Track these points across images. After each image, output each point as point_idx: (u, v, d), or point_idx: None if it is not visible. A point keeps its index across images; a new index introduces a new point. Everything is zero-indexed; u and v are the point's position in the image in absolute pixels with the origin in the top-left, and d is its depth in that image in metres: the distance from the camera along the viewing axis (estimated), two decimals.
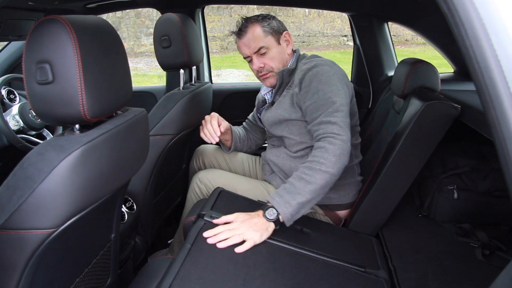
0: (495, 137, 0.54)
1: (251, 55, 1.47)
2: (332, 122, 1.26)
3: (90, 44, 0.82)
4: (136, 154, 1.05)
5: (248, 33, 1.45)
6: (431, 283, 1.16)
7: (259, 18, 1.46)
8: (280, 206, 1.17)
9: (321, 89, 1.32)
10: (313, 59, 1.45)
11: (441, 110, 1.31)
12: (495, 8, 0.52)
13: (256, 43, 1.44)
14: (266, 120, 1.56)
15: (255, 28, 1.44)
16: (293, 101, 1.42)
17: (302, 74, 1.38)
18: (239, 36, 1.47)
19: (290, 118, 1.45)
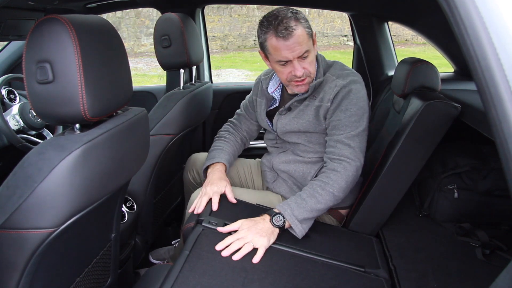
0: (496, 137, 0.53)
1: (292, 59, 1.27)
2: (350, 146, 1.29)
3: (90, 44, 0.81)
4: (136, 153, 1.05)
5: (295, 35, 1.23)
6: (431, 282, 1.16)
7: (300, 16, 1.27)
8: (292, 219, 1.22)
9: (350, 109, 1.30)
10: (346, 73, 1.36)
11: (442, 110, 1.31)
12: (495, 7, 0.52)
13: (302, 46, 1.25)
14: (282, 128, 1.44)
15: (299, 28, 1.24)
16: (318, 113, 1.35)
17: (337, 90, 1.32)
18: (284, 37, 1.23)
19: (314, 131, 1.39)
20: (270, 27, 1.25)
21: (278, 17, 1.24)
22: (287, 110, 1.43)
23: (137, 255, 1.62)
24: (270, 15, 1.28)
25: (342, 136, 1.30)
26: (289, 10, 1.27)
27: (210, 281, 0.99)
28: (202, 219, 1.23)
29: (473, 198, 1.44)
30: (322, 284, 1.07)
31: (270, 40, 1.26)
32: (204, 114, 1.90)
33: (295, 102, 1.41)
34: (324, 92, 1.35)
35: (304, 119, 1.38)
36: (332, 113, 1.33)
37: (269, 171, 1.54)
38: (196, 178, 1.71)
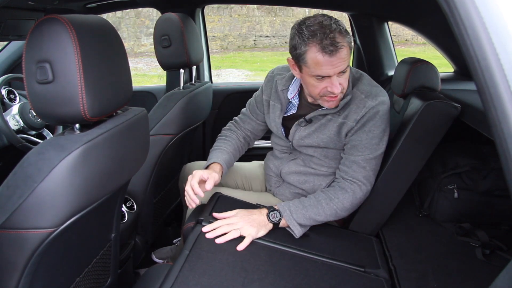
0: (496, 137, 0.53)
1: (331, 75, 1.17)
2: (366, 169, 1.28)
3: (90, 44, 0.81)
4: (136, 153, 1.05)
5: (340, 51, 1.13)
6: (431, 282, 1.16)
7: (343, 29, 1.15)
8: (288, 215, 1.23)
9: (373, 131, 1.27)
10: (375, 93, 1.28)
11: (441, 110, 1.31)
12: (495, 7, 0.52)
13: (345, 62, 1.16)
14: (299, 140, 1.36)
15: (345, 44, 1.14)
16: (341, 131, 1.30)
17: (365, 111, 1.25)
18: (330, 53, 1.12)
19: (334, 148, 1.34)
20: (314, 39, 1.13)
21: (323, 29, 1.13)
22: (308, 122, 1.34)
23: (137, 255, 1.62)
24: (312, 23, 1.15)
25: (360, 158, 1.27)
26: (331, 20, 1.16)
27: (210, 281, 0.99)
28: (202, 219, 1.23)
29: (473, 198, 1.44)
30: (322, 284, 1.07)
31: (312, 54, 1.14)
32: (204, 114, 1.90)
33: (318, 115, 1.32)
34: (351, 111, 1.28)
35: (325, 135, 1.32)
36: (354, 132, 1.28)
37: (275, 177, 1.50)
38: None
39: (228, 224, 1.17)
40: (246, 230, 1.17)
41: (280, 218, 1.23)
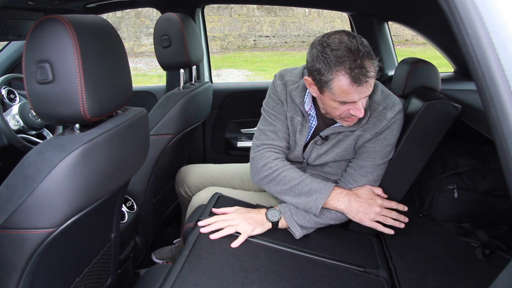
0: (496, 137, 0.53)
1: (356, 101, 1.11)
2: (373, 174, 1.27)
3: (90, 44, 0.81)
4: (136, 153, 1.05)
5: (369, 81, 1.07)
6: (431, 282, 1.16)
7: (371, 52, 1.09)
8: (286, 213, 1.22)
9: (388, 139, 1.25)
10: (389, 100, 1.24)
11: (442, 110, 1.31)
12: (495, 7, 0.52)
13: (370, 90, 1.11)
14: (317, 158, 1.30)
15: (373, 70, 1.09)
16: (357, 142, 1.27)
17: (385, 123, 1.22)
18: (360, 83, 1.05)
19: (349, 158, 1.32)
20: (342, 67, 1.04)
21: (352, 55, 1.04)
22: (324, 140, 1.28)
23: (137, 255, 1.62)
24: (337, 46, 1.05)
25: (369, 163, 1.26)
26: (357, 41, 1.06)
27: (210, 281, 0.99)
28: (202, 219, 1.23)
29: (473, 198, 1.44)
30: (322, 284, 1.07)
31: (340, 83, 1.06)
32: (204, 114, 1.90)
33: (334, 132, 1.27)
34: (369, 123, 1.23)
35: (341, 148, 1.28)
36: (368, 140, 1.26)
37: None
38: (188, 192, 1.67)
39: (224, 220, 1.17)
40: (242, 226, 1.16)
41: (279, 218, 1.23)
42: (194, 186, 1.65)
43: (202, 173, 1.65)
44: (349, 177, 1.30)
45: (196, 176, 1.65)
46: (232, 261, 1.08)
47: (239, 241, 1.14)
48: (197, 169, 1.69)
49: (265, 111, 1.35)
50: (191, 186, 1.65)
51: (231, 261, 1.08)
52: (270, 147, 1.29)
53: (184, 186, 1.67)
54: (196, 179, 1.64)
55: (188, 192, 1.67)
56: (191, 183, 1.65)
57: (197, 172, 1.66)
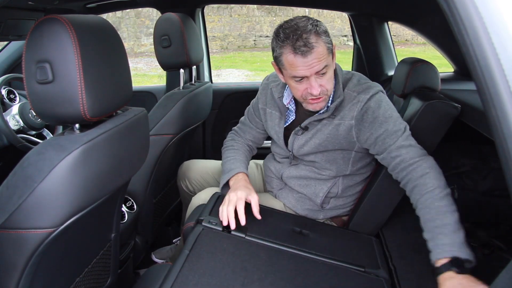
0: (496, 136, 0.53)
1: (309, 76, 1.16)
2: (412, 145, 1.21)
3: (90, 44, 0.82)
4: (136, 153, 1.05)
5: (314, 51, 1.12)
6: (431, 282, 1.16)
7: (321, 30, 1.15)
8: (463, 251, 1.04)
9: (389, 116, 1.23)
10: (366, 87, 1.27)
11: (442, 110, 1.31)
12: (495, 7, 0.52)
13: (321, 63, 1.14)
14: (298, 149, 1.34)
15: (320, 44, 1.13)
16: (338, 132, 1.27)
17: (362, 105, 1.23)
18: (302, 53, 1.12)
19: (332, 149, 1.31)
20: (287, 41, 1.13)
21: (297, 31, 1.13)
22: (304, 130, 1.33)
23: (137, 255, 1.62)
24: (287, 26, 1.16)
25: (400, 140, 1.21)
26: (309, 21, 1.15)
27: (210, 281, 0.99)
28: (202, 218, 1.23)
29: (473, 198, 1.44)
30: (322, 284, 1.07)
31: (286, 56, 1.15)
32: (204, 114, 1.90)
33: (313, 121, 1.30)
34: (345, 110, 1.26)
35: (321, 138, 1.30)
36: (371, 128, 1.24)
37: (276, 179, 1.47)
38: (189, 187, 1.68)
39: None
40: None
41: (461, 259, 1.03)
42: (195, 181, 1.66)
43: (204, 168, 1.66)
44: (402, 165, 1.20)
45: (198, 171, 1.66)
46: (232, 261, 1.08)
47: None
48: (199, 164, 1.69)
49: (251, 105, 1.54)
50: (193, 181, 1.66)
51: (231, 261, 1.08)
52: (235, 132, 1.58)
53: (186, 181, 1.67)
54: (197, 174, 1.65)
55: (189, 187, 1.67)
56: (192, 178, 1.66)
57: (199, 167, 1.67)
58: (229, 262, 1.07)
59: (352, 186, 1.41)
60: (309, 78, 1.17)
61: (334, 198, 1.41)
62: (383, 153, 1.24)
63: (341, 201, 1.42)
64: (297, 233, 1.28)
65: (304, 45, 1.12)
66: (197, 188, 1.65)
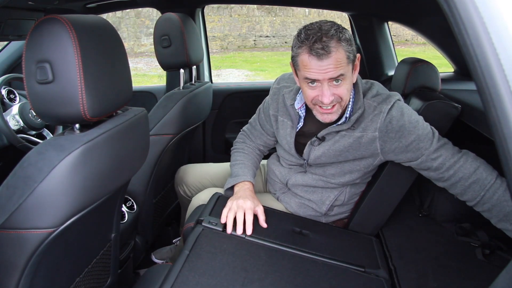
0: (496, 137, 0.53)
1: (321, 81, 1.12)
2: (446, 142, 1.20)
3: (90, 44, 0.81)
4: (136, 153, 1.05)
5: (331, 56, 1.08)
6: (431, 282, 1.16)
7: (344, 37, 1.10)
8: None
9: (415, 121, 1.19)
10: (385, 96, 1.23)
11: (442, 110, 1.31)
12: (495, 7, 0.52)
13: (337, 70, 1.10)
14: (316, 159, 1.30)
15: (339, 51, 1.09)
16: (360, 144, 1.23)
17: (384, 116, 1.19)
18: (318, 56, 1.08)
19: (353, 159, 1.27)
20: (306, 42, 1.10)
21: (318, 33, 1.09)
22: (321, 140, 1.28)
23: (137, 255, 1.62)
24: (311, 27, 1.12)
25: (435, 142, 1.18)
26: (333, 26, 1.11)
27: (210, 281, 0.99)
28: (202, 219, 1.23)
29: None
30: (322, 284, 1.07)
31: (302, 56, 1.11)
32: (204, 114, 1.90)
33: (331, 132, 1.26)
34: (367, 121, 1.22)
35: (339, 149, 1.26)
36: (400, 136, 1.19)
37: (279, 183, 1.45)
38: (186, 192, 1.67)
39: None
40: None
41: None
42: (192, 186, 1.64)
43: (201, 173, 1.65)
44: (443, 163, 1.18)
45: (195, 176, 1.65)
46: (232, 261, 1.08)
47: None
48: (196, 168, 1.68)
49: (262, 106, 1.48)
50: (190, 186, 1.65)
51: (231, 261, 1.08)
52: (246, 134, 1.55)
53: (183, 186, 1.66)
54: (195, 179, 1.64)
55: (187, 191, 1.67)
56: (189, 183, 1.65)
57: (196, 172, 1.66)
58: (229, 262, 1.07)
59: (358, 193, 1.41)
60: (322, 84, 1.12)
61: (338, 206, 1.40)
62: (419, 158, 1.20)
63: (345, 208, 1.42)
64: (297, 233, 1.28)
65: (322, 48, 1.08)
66: (195, 192, 1.63)
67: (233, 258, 1.09)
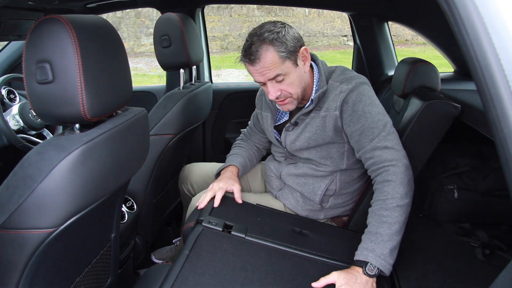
0: (496, 136, 0.53)
1: (265, 82, 1.24)
2: (388, 147, 1.20)
3: (90, 44, 0.81)
4: (136, 153, 1.05)
5: (261, 60, 1.18)
6: (431, 282, 1.16)
7: (272, 37, 1.18)
8: (378, 261, 1.09)
9: (368, 111, 1.23)
10: (349, 77, 1.29)
11: (441, 110, 1.31)
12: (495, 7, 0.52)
13: (272, 71, 1.19)
14: (291, 144, 1.38)
15: (268, 53, 1.17)
16: (325, 124, 1.29)
17: (344, 96, 1.25)
18: (251, 62, 1.20)
19: (323, 143, 1.32)
20: (242, 51, 1.21)
21: (249, 40, 1.20)
22: (294, 125, 1.36)
23: (137, 255, 1.62)
24: (252, 32, 1.22)
25: (375, 142, 1.21)
26: (271, 27, 1.20)
27: (210, 281, 0.99)
28: (202, 219, 1.23)
29: (473, 198, 1.44)
30: None
31: (245, 63, 1.23)
32: (204, 114, 1.90)
33: (301, 116, 1.33)
34: (329, 101, 1.28)
35: (311, 132, 1.32)
36: (349, 121, 1.25)
37: (276, 178, 1.48)
38: (190, 191, 1.68)
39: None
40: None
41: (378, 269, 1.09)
42: (197, 185, 1.65)
43: (206, 172, 1.66)
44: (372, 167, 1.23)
45: (200, 174, 1.66)
46: (232, 261, 1.08)
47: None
48: (201, 167, 1.70)
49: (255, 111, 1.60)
50: (194, 184, 1.66)
51: (231, 261, 1.08)
52: (244, 134, 1.66)
53: (187, 184, 1.68)
54: (200, 178, 1.65)
55: (190, 190, 1.67)
56: (194, 181, 1.66)
57: (201, 171, 1.67)
58: (229, 262, 1.07)
59: (350, 182, 1.41)
60: (266, 83, 1.23)
61: (333, 197, 1.41)
62: (359, 152, 1.27)
63: (340, 199, 1.42)
64: (297, 233, 1.28)
65: (251, 54, 1.18)
66: (198, 191, 1.64)
67: (233, 258, 1.09)
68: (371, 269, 1.09)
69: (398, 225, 1.12)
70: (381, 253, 1.09)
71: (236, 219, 1.25)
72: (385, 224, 1.12)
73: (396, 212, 1.13)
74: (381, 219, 1.13)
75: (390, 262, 1.11)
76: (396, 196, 1.15)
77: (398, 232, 1.13)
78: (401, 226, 1.14)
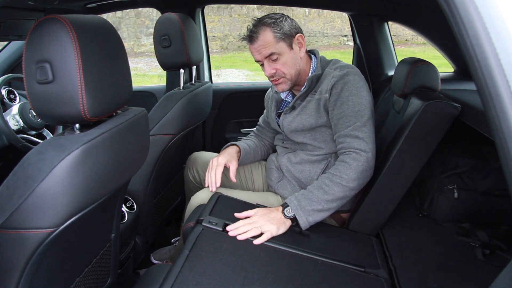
0: (496, 136, 0.53)
1: (262, 60, 1.39)
2: (359, 137, 1.30)
3: (90, 44, 0.81)
4: (136, 153, 1.05)
5: (259, 38, 1.35)
6: (431, 282, 1.16)
7: (270, 21, 1.36)
8: (297, 210, 1.25)
9: (351, 100, 1.32)
10: (343, 66, 1.41)
11: (441, 110, 1.31)
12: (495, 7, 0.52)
13: (267, 49, 1.36)
14: (287, 126, 1.47)
15: (266, 33, 1.35)
16: (319, 106, 1.38)
17: (334, 80, 1.35)
18: (250, 41, 1.38)
19: (316, 125, 1.41)
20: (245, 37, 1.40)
21: (252, 23, 1.39)
22: (291, 109, 1.47)
23: (137, 255, 1.62)
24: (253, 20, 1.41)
25: (349, 129, 1.31)
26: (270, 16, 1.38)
27: (210, 281, 0.99)
28: (202, 219, 1.23)
29: (473, 198, 1.44)
30: (322, 284, 1.07)
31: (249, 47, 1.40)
32: (204, 114, 1.90)
33: (298, 100, 1.44)
34: (323, 85, 1.39)
35: (306, 114, 1.41)
36: (334, 105, 1.34)
37: (275, 169, 1.54)
38: (196, 177, 1.72)
39: (249, 223, 1.22)
40: (266, 227, 1.21)
41: (292, 213, 1.26)
42: (202, 171, 1.70)
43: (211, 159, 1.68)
44: (339, 150, 1.34)
45: (206, 161, 1.69)
46: (232, 261, 1.08)
47: (262, 239, 1.18)
48: (206, 155, 1.77)
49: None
50: (201, 172, 1.71)
51: (231, 261, 1.08)
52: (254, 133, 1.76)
53: (193, 170, 1.73)
54: (205, 165, 1.68)
55: (196, 177, 1.72)
56: (200, 169, 1.71)
57: (206, 157, 1.73)
58: (229, 262, 1.07)
59: None
60: (263, 62, 1.39)
61: None
62: (335, 135, 1.37)
63: None
64: (297, 233, 1.28)
65: (251, 33, 1.37)
66: (203, 179, 1.68)
67: (233, 258, 1.09)
68: (288, 211, 1.26)
69: (331, 197, 1.26)
70: (304, 206, 1.25)
71: (236, 219, 1.25)
72: (321, 190, 1.27)
73: (336, 187, 1.26)
74: (321, 185, 1.28)
75: (309, 219, 1.25)
76: (344, 177, 1.27)
77: (328, 201, 1.26)
78: (334, 200, 1.27)
